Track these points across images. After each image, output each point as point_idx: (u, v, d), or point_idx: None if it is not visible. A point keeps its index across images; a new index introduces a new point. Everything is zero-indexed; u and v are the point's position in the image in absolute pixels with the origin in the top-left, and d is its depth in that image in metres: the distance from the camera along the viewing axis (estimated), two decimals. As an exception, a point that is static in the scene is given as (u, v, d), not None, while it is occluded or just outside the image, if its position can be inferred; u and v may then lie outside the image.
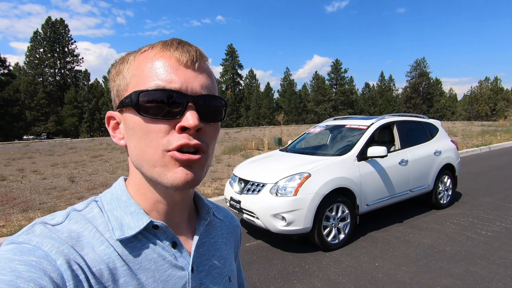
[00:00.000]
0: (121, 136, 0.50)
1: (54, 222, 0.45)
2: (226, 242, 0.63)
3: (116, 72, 0.49)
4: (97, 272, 0.42)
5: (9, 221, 4.32)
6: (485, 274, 2.89)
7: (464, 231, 3.94)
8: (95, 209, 0.49)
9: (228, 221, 0.68)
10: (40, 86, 41.99)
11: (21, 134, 34.31)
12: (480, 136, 15.47)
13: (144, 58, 0.47)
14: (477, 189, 5.91)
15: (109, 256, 0.44)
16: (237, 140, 15.30)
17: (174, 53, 0.46)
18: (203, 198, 0.61)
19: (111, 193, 0.52)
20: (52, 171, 8.02)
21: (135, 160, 0.48)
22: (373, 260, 3.25)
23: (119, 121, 0.50)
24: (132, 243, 0.47)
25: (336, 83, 57.56)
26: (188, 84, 0.45)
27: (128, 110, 0.46)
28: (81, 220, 0.47)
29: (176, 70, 0.45)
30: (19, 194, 5.80)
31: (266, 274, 3.04)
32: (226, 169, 7.90)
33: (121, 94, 0.48)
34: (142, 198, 0.50)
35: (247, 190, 3.69)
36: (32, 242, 0.40)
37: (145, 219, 0.48)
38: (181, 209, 0.54)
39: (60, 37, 44.11)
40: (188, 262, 0.51)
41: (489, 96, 54.40)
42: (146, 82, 0.45)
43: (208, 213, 0.59)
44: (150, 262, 0.47)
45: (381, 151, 3.80)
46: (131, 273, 0.45)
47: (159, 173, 0.45)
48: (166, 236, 0.50)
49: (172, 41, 0.48)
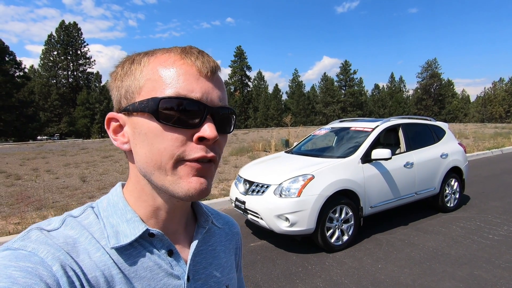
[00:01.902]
0: (125, 140, 0.48)
1: (50, 228, 0.44)
2: (225, 250, 0.62)
3: (125, 73, 0.47)
4: (92, 279, 0.42)
5: (24, 218, 4.50)
6: (489, 278, 2.88)
7: (470, 234, 3.91)
8: (91, 216, 0.48)
9: (228, 228, 0.66)
10: (54, 88, 43.08)
11: (35, 135, 35.27)
12: (493, 138, 15.14)
13: (162, 63, 0.45)
14: (486, 192, 5.83)
15: (105, 263, 0.44)
16: (245, 141, 15.40)
17: (196, 63, 0.45)
18: (202, 205, 0.60)
19: (108, 200, 0.51)
20: (64, 171, 8.26)
21: (143, 167, 0.46)
22: (376, 262, 3.27)
23: (123, 124, 0.48)
24: (128, 250, 0.47)
25: (345, 84, 57.13)
26: (208, 95, 0.45)
27: (141, 115, 0.45)
28: (77, 226, 0.46)
29: (197, 80, 0.45)
30: (33, 193, 6.01)
31: (269, 273, 3.10)
32: (233, 171, 7.98)
33: (131, 96, 0.46)
34: (143, 205, 0.49)
35: (251, 191, 3.75)
36: (28, 248, 0.40)
37: (141, 227, 0.47)
38: (179, 216, 0.53)
39: (73, 40, 45.20)
40: (184, 271, 0.50)
41: (503, 97, 53.04)
42: (164, 88, 0.43)
43: (207, 221, 0.58)
44: (145, 270, 0.47)
45: (386, 153, 3.81)
46: (126, 281, 0.45)
47: (172, 181, 0.44)
48: (162, 244, 0.49)
49: (191, 49, 0.47)
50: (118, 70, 0.49)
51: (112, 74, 0.50)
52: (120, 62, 0.49)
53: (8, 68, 31.98)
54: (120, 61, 0.50)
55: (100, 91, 46.04)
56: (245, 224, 4.45)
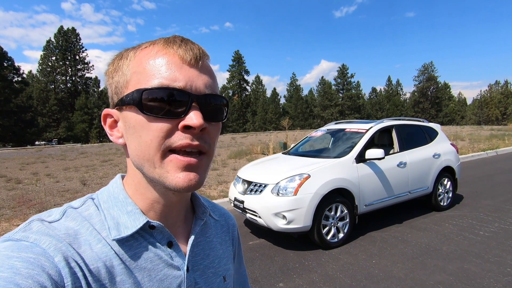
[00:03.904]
0: (119, 135, 0.49)
1: (51, 219, 0.44)
2: (221, 242, 0.63)
3: (114, 69, 0.48)
4: (94, 270, 0.42)
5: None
6: (478, 271, 3.00)
7: (462, 231, 4.03)
8: (91, 207, 0.49)
9: (224, 220, 0.67)
10: (52, 93, 43.17)
11: (33, 140, 35.26)
12: (488, 140, 15.34)
13: (146, 55, 0.46)
14: (479, 192, 5.96)
15: (106, 254, 0.44)
16: (243, 145, 15.53)
17: (178, 51, 0.45)
18: (200, 197, 0.61)
19: (108, 192, 0.51)
20: (64, 175, 8.35)
21: (135, 159, 0.46)
22: (370, 257, 3.38)
23: (117, 119, 0.49)
24: (128, 242, 0.47)
25: (342, 88, 57.55)
26: (192, 83, 0.44)
27: (129, 108, 0.45)
28: (78, 217, 0.46)
29: (180, 68, 0.44)
30: (35, 196, 6.09)
31: (268, 269, 3.21)
32: (232, 173, 8.10)
33: (120, 91, 0.47)
34: (140, 198, 0.50)
35: (250, 190, 3.87)
36: (30, 239, 0.40)
37: (142, 219, 0.47)
38: (178, 209, 0.53)
39: (71, 46, 45.42)
40: (183, 262, 0.51)
41: (499, 100, 53.61)
42: (148, 80, 0.44)
43: (204, 213, 0.59)
44: (146, 261, 0.47)
45: (379, 153, 3.95)
46: (127, 272, 0.45)
47: (160, 174, 0.45)
48: (163, 236, 0.50)
49: (174, 38, 0.47)
50: (110, 67, 0.50)
51: (106, 72, 0.51)
52: (111, 60, 0.50)
53: (6, 73, 32.12)
54: (111, 59, 0.51)
55: (99, 96, 46.15)
56: (244, 224, 4.56)
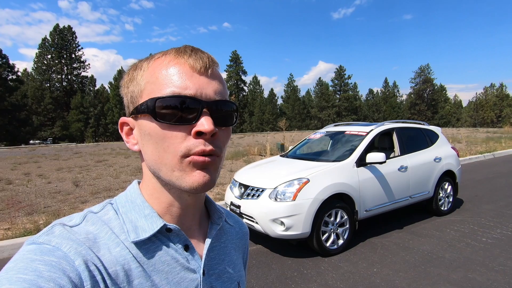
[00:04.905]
0: (135, 142, 0.51)
1: (72, 223, 0.46)
2: (235, 248, 0.64)
3: (130, 79, 0.51)
4: (113, 273, 0.43)
5: (14, 224, 4.41)
6: (483, 280, 2.89)
7: (464, 238, 3.93)
8: (110, 212, 0.50)
9: (238, 227, 0.68)
10: (47, 91, 42.69)
11: (27, 139, 34.79)
12: (485, 143, 15.36)
13: (158, 65, 0.48)
14: (479, 196, 5.89)
15: (124, 257, 0.45)
16: (240, 145, 15.38)
17: (188, 60, 0.47)
18: (215, 203, 0.62)
19: (126, 196, 0.53)
20: (57, 175, 8.14)
21: (152, 164, 0.49)
22: (371, 266, 3.26)
23: (132, 127, 0.51)
24: (146, 245, 0.48)
25: (340, 89, 57.62)
26: (202, 90, 0.47)
27: (144, 116, 0.48)
28: (98, 222, 0.48)
29: (190, 77, 0.47)
30: (25, 197, 5.90)
31: (265, 278, 3.07)
32: (228, 175, 7.95)
33: (135, 100, 0.49)
34: (156, 202, 0.51)
35: (247, 195, 3.74)
36: (52, 243, 0.42)
37: (159, 222, 0.49)
38: (193, 212, 0.55)
39: (67, 44, 44.96)
40: (199, 265, 0.52)
41: (494, 102, 54.01)
42: (161, 89, 0.46)
43: (220, 218, 0.60)
44: (163, 264, 0.49)
45: (380, 157, 3.83)
46: (145, 275, 0.46)
47: (178, 177, 0.46)
48: (179, 239, 0.51)
49: (185, 48, 0.50)
50: (125, 77, 0.52)
51: (121, 83, 0.53)
52: (127, 71, 0.53)
53: (0, 71, 31.62)
54: (127, 69, 0.53)
55: (95, 95, 45.76)
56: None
